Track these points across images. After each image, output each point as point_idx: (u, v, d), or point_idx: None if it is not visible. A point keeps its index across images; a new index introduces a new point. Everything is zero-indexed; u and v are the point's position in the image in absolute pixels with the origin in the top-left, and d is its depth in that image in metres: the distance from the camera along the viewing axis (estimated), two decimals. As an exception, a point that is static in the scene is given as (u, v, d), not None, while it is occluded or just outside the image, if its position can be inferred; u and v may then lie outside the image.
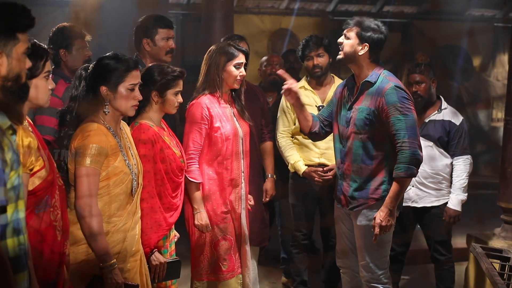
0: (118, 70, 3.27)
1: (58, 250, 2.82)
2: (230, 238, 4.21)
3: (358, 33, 4.00)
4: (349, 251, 4.32)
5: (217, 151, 4.16)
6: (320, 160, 5.04)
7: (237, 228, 4.27)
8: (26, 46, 2.34)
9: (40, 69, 2.74)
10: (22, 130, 2.61)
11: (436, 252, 5.12)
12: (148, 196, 3.65)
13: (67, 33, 4.44)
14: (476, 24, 10.71)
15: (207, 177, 4.17)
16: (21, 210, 2.30)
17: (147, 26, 4.57)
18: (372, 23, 4.02)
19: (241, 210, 4.27)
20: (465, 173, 5.02)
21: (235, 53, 4.17)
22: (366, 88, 4.04)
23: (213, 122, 4.12)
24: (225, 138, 4.15)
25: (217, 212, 4.18)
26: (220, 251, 4.19)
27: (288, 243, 5.62)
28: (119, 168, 3.25)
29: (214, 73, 4.14)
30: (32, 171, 2.67)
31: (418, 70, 5.07)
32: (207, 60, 4.18)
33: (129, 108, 3.35)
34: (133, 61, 3.35)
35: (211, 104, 4.13)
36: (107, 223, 3.24)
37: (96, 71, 3.29)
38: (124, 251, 3.31)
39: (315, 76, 5.10)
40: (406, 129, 3.86)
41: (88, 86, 3.29)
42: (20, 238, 2.29)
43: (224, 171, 4.18)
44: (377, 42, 4.01)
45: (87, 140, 3.15)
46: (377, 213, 3.94)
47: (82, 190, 3.13)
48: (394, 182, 3.92)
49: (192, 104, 4.14)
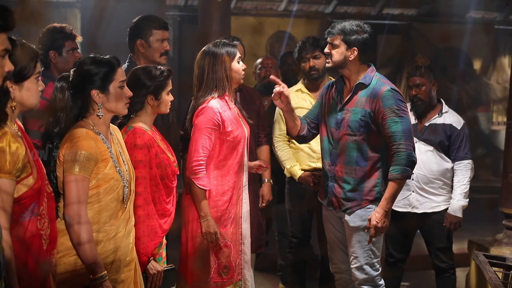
0: (106, 71, 3.17)
1: (43, 261, 2.71)
2: (230, 245, 4.09)
3: (343, 39, 4.00)
4: (342, 255, 4.27)
5: (228, 155, 4.03)
6: (316, 164, 4.94)
7: (237, 233, 4.15)
8: (3, 47, 2.23)
9: (31, 71, 2.65)
10: (9, 135, 2.50)
11: (437, 259, 5.03)
12: (144, 202, 3.55)
13: (57, 34, 4.33)
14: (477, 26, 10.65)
15: (215, 182, 4.04)
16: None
17: (141, 27, 4.46)
18: (353, 25, 4.02)
19: (241, 214, 4.16)
20: (466, 179, 4.94)
21: (235, 49, 4.08)
22: (360, 90, 4.03)
23: (225, 126, 4.00)
24: (238, 141, 4.05)
25: (221, 219, 4.06)
26: (221, 258, 4.07)
27: (285, 249, 5.53)
28: (109, 175, 3.14)
29: (222, 74, 4.02)
30: (19, 177, 2.57)
31: (418, 73, 5.01)
32: (209, 65, 4.03)
33: (123, 107, 3.27)
34: (115, 59, 3.25)
35: (222, 108, 4.01)
36: (99, 232, 3.12)
37: (81, 77, 3.17)
38: (118, 262, 3.19)
39: (312, 78, 5.02)
40: (402, 132, 3.89)
41: (75, 94, 3.17)
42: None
43: (233, 175, 4.06)
44: (364, 43, 4.01)
45: (75, 147, 3.03)
46: (372, 215, 3.93)
47: (71, 198, 3.01)
48: (390, 183, 3.92)
49: (202, 109, 3.97)
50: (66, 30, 4.37)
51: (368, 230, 3.95)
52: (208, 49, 4.05)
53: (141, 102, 3.67)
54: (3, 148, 2.46)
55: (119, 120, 3.70)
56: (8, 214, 2.49)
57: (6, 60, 2.24)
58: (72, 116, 3.16)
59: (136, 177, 3.50)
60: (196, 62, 4.08)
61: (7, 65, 2.26)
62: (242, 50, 4.98)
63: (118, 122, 3.69)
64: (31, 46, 2.68)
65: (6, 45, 2.24)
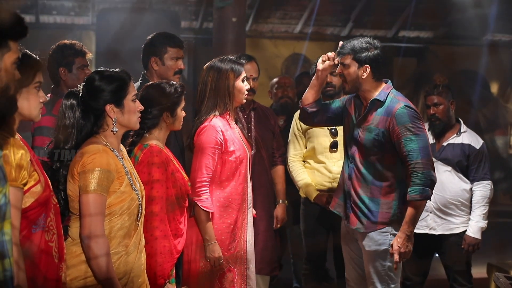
0: (119, 84, 3.11)
1: (54, 275, 2.65)
2: (234, 269, 3.97)
3: (354, 58, 3.93)
4: (358, 277, 4.18)
5: (230, 176, 3.94)
6: (332, 184, 4.86)
7: (242, 257, 4.04)
8: (16, 56, 2.21)
9: (30, 79, 2.59)
10: (13, 143, 2.44)
11: (455, 282, 4.93)
12: (161, 223, 3.47)
13: (67, 51, 4.30)
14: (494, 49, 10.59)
15: (218, 204, 3.95)
16: (6, 232, 2.14)
17: (156, 44, 4.41)
18: (363, 42, 3.97)
19: (246, 237, 4.05)
20: (486, 200, 4.86)
21: (241, 68, 4.01)
22: (375, 107, 3.95)
23: (227, 146, 3.91)
24: (239, 161, 3.96)
25: (225, 242, 3.96)
26: (224, 283, 3.94)
27: (301, 272, 5.44)
28: (126, 193, 3.05)
29: (225, 92, 3.95)
30: (26, 186, 2.50)
31: (436, 91, 4.94)
32: (212, 80, 3.97)
33: (136, 121, 3.20)
34: (126, 73, 3.19)
35: (224, 127, 3.94)
36: (114, 254, 3.01)
37: (94, 92, 3.10)
38: (131, 284, 3.08)
39: (327, 95, 4.93)
40: (419, 150, 3.78)
41: (86, 111, 3.10)
42: (5, 262, 2.13)
43: (234, 197, 3.97)
44: (376, 59, 3.94)
45: (92, 164, 2.94)
46: (394, 240, 3.83)
47: (89, 215, 2.91)
48: (410, 206, 3.81)
49: (204, 128, 3.90)
50: (76, 46, 4.34)
51: (386, 256, 3.88)
52: (213, 64, 4.00)
53: (156, 119, 3.61)
54: (7, 155, 2.41)
55: (131, 138, 3.62)
56: (16, 224, 2.43)
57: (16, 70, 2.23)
58: (84, 133, 3.08)
59: (153, 197, 3.44)
60: (200, 76, 4.05)
61: (16, 74, 2.24)
62: (256, 68, 4.94)
63: (131, 140, 3.61)
64: (32, 55, 2.63)
65: (19, 54, 2.23)
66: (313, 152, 4.96)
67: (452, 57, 10.42)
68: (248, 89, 4.06)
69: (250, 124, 4.94)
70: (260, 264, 4.42)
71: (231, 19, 6.53)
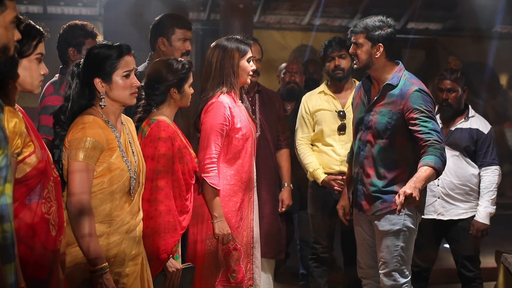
0: (110, 58, 3.09)
1: (51, 246, 2.62)
2: (240, 248, 3.94)
3: (367, 36, 3.89)
4: (370, 260, 4.14)
5: (237, 153, 3.92)
6: (340, 167, 4.83)
7: (248, 236, 4.01)
8: (14, 14, 2.17)
9: (32, 49, 2.56)
10: (7, 111, 2.38)
11: (463, 268, 4.88)
12: (166, 197, 3.47)
13: (78, 32, 4.29)
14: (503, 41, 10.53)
15: (225, 182, 3.93)
16: (8, 195, 2.12)
17: (164, 25, 4.40)
18: (376, 21, 3.92)
19: (253, 216, 4.03)
20: (494, 185, 4.80)
21: (247, 47, 3.98)
22: (387, 91, 3.92)
23: (234, 123, 3.89)
24: (246, 139, 3.94)
25: (232, 220, 3.93)
26: (230, 262, 3.91)
27: (307, 258, 5.39)
28: (115, 164, 3.05)
29: (229, 70, 3.93)
30: (20, 156, 2.46)
31: (452, 76, 4.84)
32: (217, 58, 3.95)
33: (128, 97, 3.17)
34: (125, 47, 3.17)
35: (231, 103, 3.92)
36: (101, 223, 3.04)
37: (87, 64, 3.12)
38: (122, 254, 3.09)
39: (336, 78, 4.90)
40: (434, 130, 3.76)
41: (83, 81, 3.12)
42: (6, 226, 2.11)
43: (241, 175, 3.94)
44: (389, 38, 3.90)
45: (81, 133, 2.97)
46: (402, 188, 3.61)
47: (74, 187, 2.95)
48: (422, 167, 3.65)
49: (211, 104, 3.87)
50: (88, 28, 4.34)
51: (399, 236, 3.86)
52: (219, 42, 3.99)
53: (164, 95, 3.63)
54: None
55: (139, 114, 3.64)
56: None
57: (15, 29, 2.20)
58: (80, 103, 3.11)
59: (159, 171, 3.45)
60: (206, 54, 4.04)
61: (16, 34, 2.21)
62: (259, 50, 4.93)
63: (138, 116, 3.64)
64: (35, 26, 2.61)
65: (17, 13, 2.19)
66: (321, 135, 4.92)
67: (460, 49, 10.36)
68: (253, 70, 4.04)
69: (255, 106, 4.92)
70: (264, 247, 4.38)
71: (238, 7, 6.55)
